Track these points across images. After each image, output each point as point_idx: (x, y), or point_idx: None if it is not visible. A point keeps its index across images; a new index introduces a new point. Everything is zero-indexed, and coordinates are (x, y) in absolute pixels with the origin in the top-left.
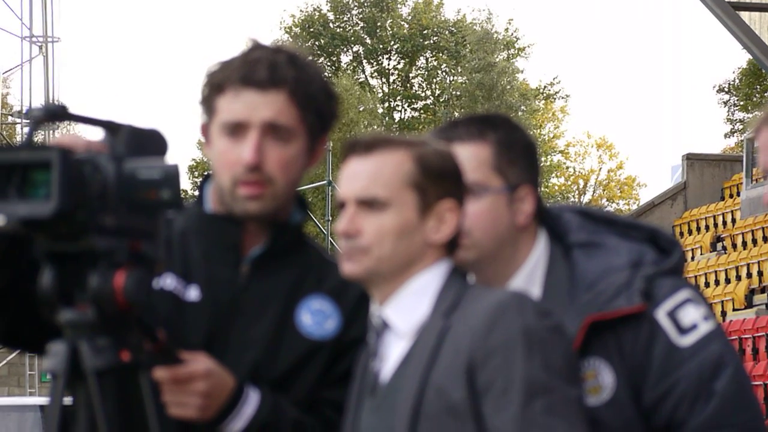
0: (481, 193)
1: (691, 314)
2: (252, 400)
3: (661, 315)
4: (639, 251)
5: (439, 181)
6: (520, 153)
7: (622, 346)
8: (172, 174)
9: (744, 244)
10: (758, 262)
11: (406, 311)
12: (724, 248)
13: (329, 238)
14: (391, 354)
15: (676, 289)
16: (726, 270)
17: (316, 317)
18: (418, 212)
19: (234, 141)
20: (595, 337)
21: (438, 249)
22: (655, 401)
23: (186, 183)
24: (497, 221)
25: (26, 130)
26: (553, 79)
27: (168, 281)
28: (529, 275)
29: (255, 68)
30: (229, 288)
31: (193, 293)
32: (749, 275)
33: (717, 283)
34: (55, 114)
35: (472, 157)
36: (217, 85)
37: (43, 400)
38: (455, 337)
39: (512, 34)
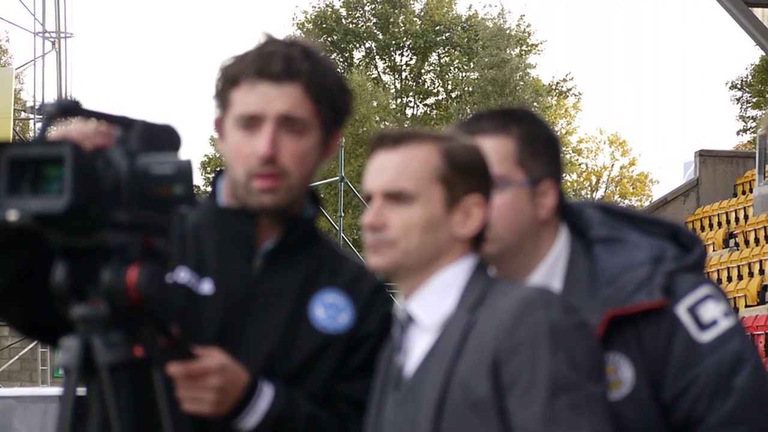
0: (504, 186)
1: (712, 310)
2: (266, 395)
3: (682, 310)
4: (660, 247)
5: (466, 176)
6: (542, 147)
7: (642, 341)
8: (186, 169)
9: (756, 240)
10: None
11: (431, 305)
12: (737, 245)
13: (341, 233)
14: (416, 348)
15: (697, 285)
16: (738, 266)
17: (329, 311)
18: (445, 206)
19: (248, 134)
20: (615, 332)
21: (464, 243)
22: (674, 397)
23: (198, 179)
24: (520, 215)
25: (39, 125)
26: (566, 75)
27: (182, 275)
28: (551, 269)
29: (270, 61)
30: (243, 282)
31: (206, 287)
32: (762, 272)
33: (729, 279)
34: (69, 109)
35: (495, 151)
36: (231, 78)
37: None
38: (480, 333)
39: (524, 30)
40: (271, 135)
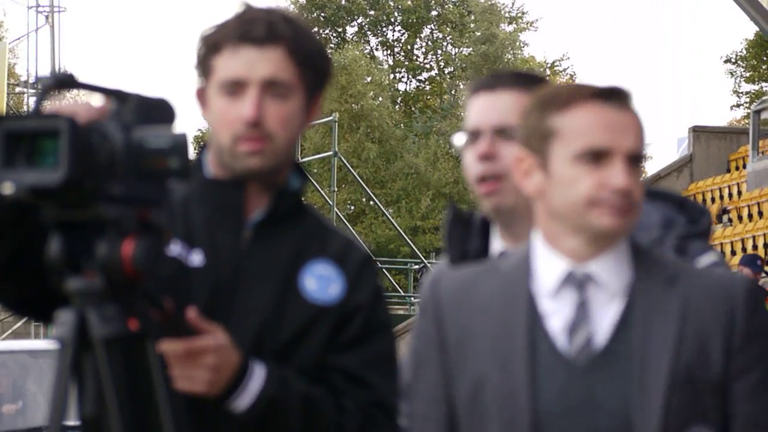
0: None
1: None
2: (258, 376)
3: None
4: (670, 214)
5: None
6: None
7: None
8: (181, 143)
9: (750, 216)
10: (764, 235)
11: (615, 269)
12: (730, 220)
13: (335, 208)
14: (599, 315)
15: (706, 251)
16: (732, 242)
17: (320, 282)
18: None
19: (233, 99)
20: None
21: None
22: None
23: (191, 153)
24: None
25: (33, 99)
26: (563, 55)
27: (171, 247)
28: None
29: (252, 26)
30: (233, 253)
31: (196, 259)
32: (755, 247)
33: (723, 255)
34: (64, 82)
35: (515, 103)
36: (213, 44)
37: None
38: (698, 315)
39: (518, 8)
40: (256, 99)
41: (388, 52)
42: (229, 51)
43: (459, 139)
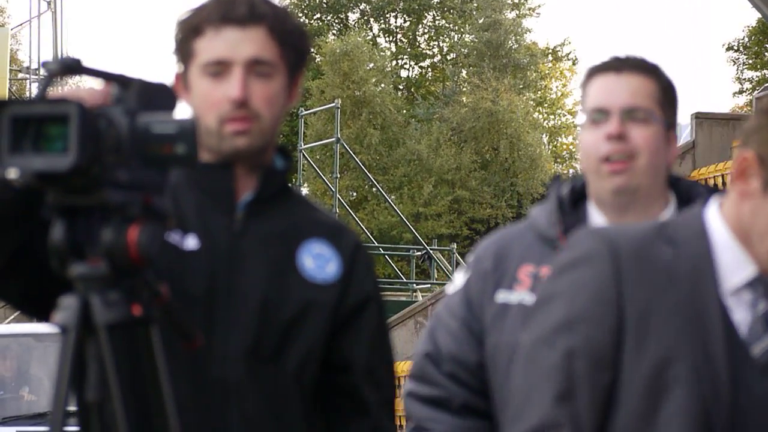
0: (650, 120)
1: None
2: None
3: None
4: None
5: None
6: (674, 101)
7: None
8: (188, 129)
9: None
10: None
11: None
12: None
13: (337, 194)
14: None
15: None
16: None
17: (317, 261)
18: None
19: (217, 80)
20: None
21: None
22: None
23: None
24: (659, 152)
25: (35, 85)
26: (564, 39)
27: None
28: None
29: (233, 6)
30: (227, 235)
31: (191, 242)
32: None
33: None
34: (71, 67)
35: (643, 87)
36: (194, 27)
37: None
38: None
39: None
40: (241, 78)
41: (391, 38)
42: (211, 32)
43: (580, 118)
